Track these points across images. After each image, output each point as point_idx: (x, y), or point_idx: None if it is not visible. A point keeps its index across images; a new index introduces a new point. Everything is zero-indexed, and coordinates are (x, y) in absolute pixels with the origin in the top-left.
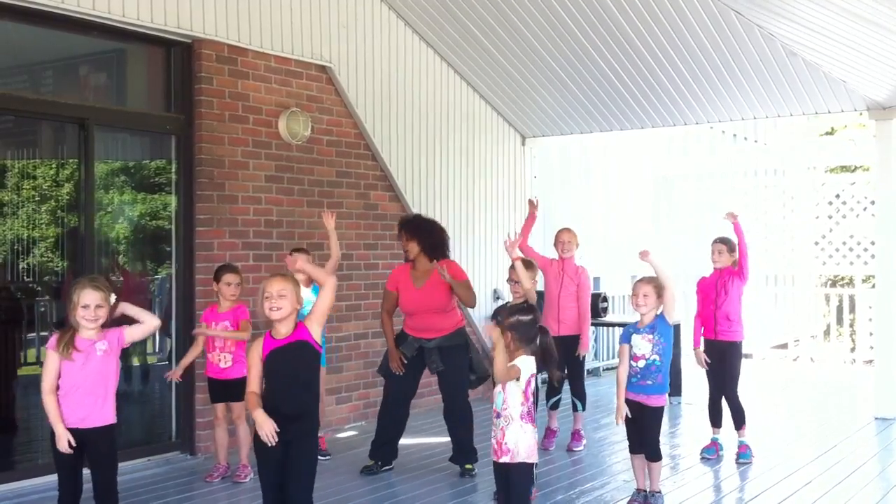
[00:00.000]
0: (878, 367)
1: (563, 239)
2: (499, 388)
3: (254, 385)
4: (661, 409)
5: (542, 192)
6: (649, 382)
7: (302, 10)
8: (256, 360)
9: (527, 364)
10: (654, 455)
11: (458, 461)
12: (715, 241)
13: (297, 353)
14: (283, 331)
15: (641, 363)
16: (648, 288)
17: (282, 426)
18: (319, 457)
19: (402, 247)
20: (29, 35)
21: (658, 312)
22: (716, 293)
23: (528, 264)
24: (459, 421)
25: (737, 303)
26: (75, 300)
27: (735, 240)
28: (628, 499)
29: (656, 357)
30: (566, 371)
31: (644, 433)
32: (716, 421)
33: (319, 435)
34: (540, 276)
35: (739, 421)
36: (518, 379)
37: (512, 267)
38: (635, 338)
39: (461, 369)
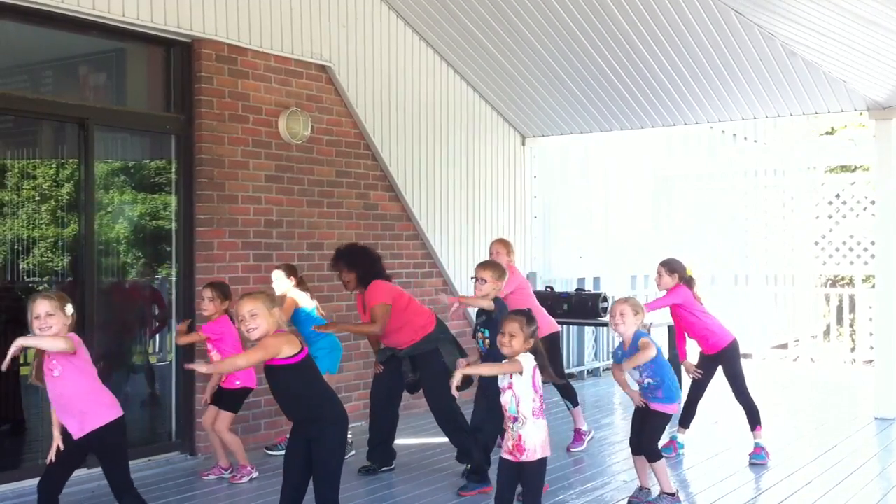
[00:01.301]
0: (878, 367)
1: (492, 250)
2: (509, 394)
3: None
4: (664, 415)
5: (542, 192)
6: (651, 396)
7: (302, 10)
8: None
9: (528, 359)
10: (652, 456)
11: (462, 461)
12: (657, 265)
13: (278, 375)
14: (291, 349)
15: (636, 386)
16: (625, 307)
17: (297, 428)
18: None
19: (339, 278)
20: (29, 35)
21: (634, 331)
22: (677, 318)
23: (494, 265)
24: (449, 425)
25: (701, 321)
26: (29, 316)
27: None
28: (629, 496)
29: (649, 380)
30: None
31: (644, 434)
32: (684, 422)
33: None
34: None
35: (754, 421)
36: (521, 373)
37: (479, 266)
38: (630, 372)
39: (437, 375)
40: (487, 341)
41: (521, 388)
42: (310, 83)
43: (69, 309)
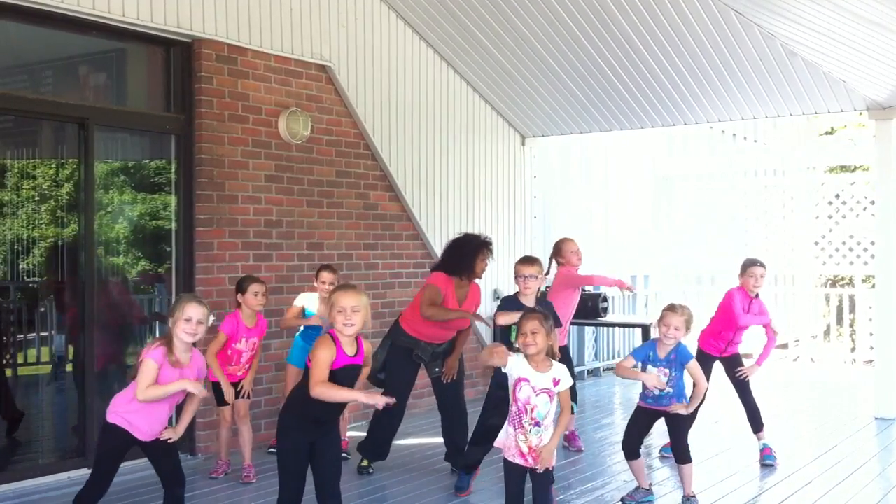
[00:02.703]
0: (878, 367)
1: (571, 249)
2: (544, 398)
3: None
4: (689, 414)
5: (542, 192)
6: (664, 402)
7: (302, 10)
8: (327, 364)
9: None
10: (683, 457)
11: (454, 459)
12: (758, 264)
13: (357, 374)
14: (351, 347)
15: (655, 391)
16: (679, 321)
17: (312, 430)
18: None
19: (479, 266)
20: (29, 35)
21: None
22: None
23: (538, 261)
24: (458, 422)
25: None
26: (178, 314)
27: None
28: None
29: (669, 390)
30: None
31: (672, 436)
32: None
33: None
34: None
35: (758, 424)
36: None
37: (520, 262)
38: (650, 369)
39: (460, 372)
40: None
41: (555, 399)
42: (310, 83)
43: (211, 320)
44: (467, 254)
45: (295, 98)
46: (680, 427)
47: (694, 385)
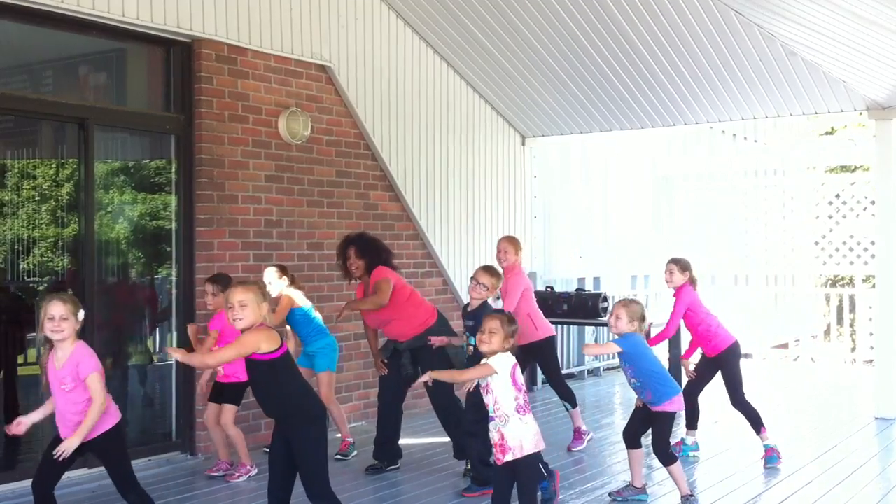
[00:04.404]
0: (878, 367)
1: (499, 248)
2: (489, 395)
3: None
4: (668, 414)
5: (542, 192)
6: (644, 398)
7: (302, 10)
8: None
9: (504, 359)
10: (665, 459)
11: (460, 458)
12: (668, 262)
13: (255, 370)
14: None
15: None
16: (621, 311)
17: (277, 425)
18: (340, 457)
19: (346, 265)
20: (29, 35)
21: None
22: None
23: (496, 273)
24: (449, 420)
25: (705, 322)
26: (42, 314)
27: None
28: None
29: (634, 380)
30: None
31: (653, 438)
32: (690, 423)
33: (347, 439)
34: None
35: (757, 424)
36: (494, 374)
37: (481, 270)
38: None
39: (436, 369)
40: (471, 349)
41: (500, 388)
42: (310, 83)
43: (81, 314)
44: None
45: (295, 98)
46: (660, 428)
47: None
